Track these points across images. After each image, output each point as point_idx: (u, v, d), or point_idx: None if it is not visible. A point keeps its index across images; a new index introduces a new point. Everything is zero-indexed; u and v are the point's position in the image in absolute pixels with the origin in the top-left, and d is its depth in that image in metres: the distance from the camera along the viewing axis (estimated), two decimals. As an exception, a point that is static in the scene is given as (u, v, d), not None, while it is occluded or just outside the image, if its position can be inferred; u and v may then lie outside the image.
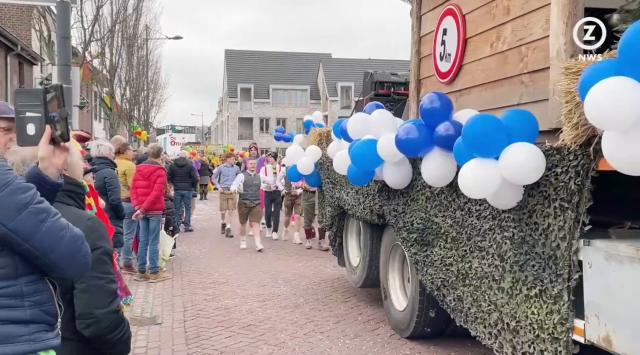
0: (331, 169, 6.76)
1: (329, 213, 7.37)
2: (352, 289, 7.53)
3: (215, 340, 5.47)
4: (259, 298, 7.04)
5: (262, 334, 5.65)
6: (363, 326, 5.91)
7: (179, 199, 12.79)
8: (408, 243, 4.95)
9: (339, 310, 6.52)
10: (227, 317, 6.24)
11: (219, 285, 7.75)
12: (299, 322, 6.05)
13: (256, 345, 5.30)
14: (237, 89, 57.86)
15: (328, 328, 5.84)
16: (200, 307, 6.67)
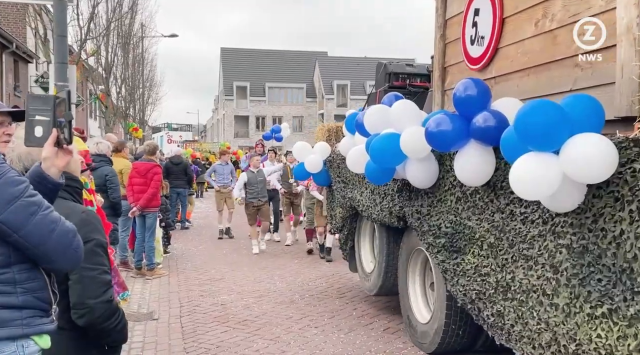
0: (342, 167, 6.39)
1: (340, 214, 6.85)
2: (347, 284, 7.61)
3: (211, 335, 5.55)
4: (255, 294, 7.12)
5: (258, 328, 5.72)
6: (357, 321, 5.99)
7: (174, 197, 12.84)
8: (434, 249, 4.41)
9: (333, 305, 6.60)
10: (223, 312, 6.32)
11: (215, 282, 7.81)
12: (294, 317, 6.13)
13: (251, 340, 5.38)
14: (233, 87, 57.87)
15: (323, 323, 5.91)
16: (196, 303, 6.74)
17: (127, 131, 30.67)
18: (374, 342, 5.30)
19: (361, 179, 5.91)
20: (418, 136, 4.13)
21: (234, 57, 59.85)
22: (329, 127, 8.31)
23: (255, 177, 10.01)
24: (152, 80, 40.25)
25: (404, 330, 5.65)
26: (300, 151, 7.38)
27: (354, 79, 57.04)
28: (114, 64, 28.39)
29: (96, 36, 24.71)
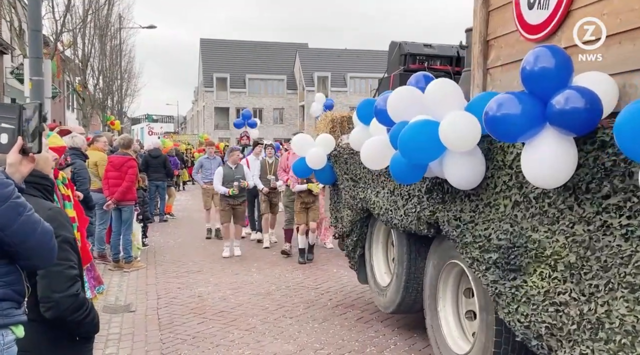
0: (351, 163, 5.74)
1: (348, 217, 5.99)
2: (323, 276, 7.74)
3: (187, 326, 5.64)
4: (232, 286, 7.21)
5: (234, 319, 5.83)
6: (332, 311, 6.12)
7: (153, 190, 12.85)
8: (481, 266, 3.59)
9: (309, 296, 6.72)
10: (200, 304, 6.41)
11: (193, 274, 7.89)
12: (270, 308, 6.24)
13: (227, 331, 5.49)
14: (212, 78, 57.56)
15: (298, 313, 6.04)
16: (173, 295, 6.82)
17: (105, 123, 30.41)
18: (347, 332, 5.44)
19: (376, 177, 5.20)
20: (465, 123, 3.37)
21: (214, 49, 59.50)
22: (332, 117, 7.22)
23: (233, 173, 9.02)
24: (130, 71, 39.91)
25: (376, 319, 5.81)
26: (300, 144, 6.46)
27: (335, 71, 57.08)
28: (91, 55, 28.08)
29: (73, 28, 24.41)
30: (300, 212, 8.63)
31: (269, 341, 5.20)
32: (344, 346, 5.06)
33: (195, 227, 12.42)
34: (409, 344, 5.10)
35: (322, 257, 8.64)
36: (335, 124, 7.16)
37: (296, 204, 8.73)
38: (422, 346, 5.04)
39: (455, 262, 4.26)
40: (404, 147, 3.63)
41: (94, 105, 29.18)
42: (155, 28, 32.60)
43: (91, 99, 28.48)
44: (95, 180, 8.11)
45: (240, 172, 9.12)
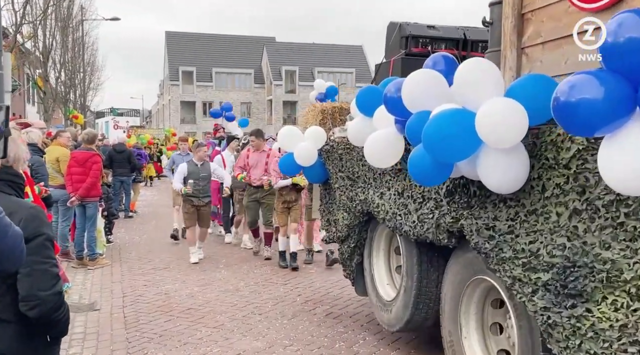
0: (347, 159, 5.16)
1: (344, 221, 5.31)
2: (291, 272, 7.70)
3: (154, 324, 5.56)
4: (200, 282, 7.13)
5: (202, 317, 5.76)
6: (301, 307, 6.10)
7: (118, 185, 12.62)
8: (527, 288, 2.93)
9: (278, 292, 6.69)
10: (167, 301, 6.32)
11: (159, 271, 7.78)
12: (239, 304, 6.20)
13: (195, 328, 5.42)
14: (178, 72, 56.83)
15: (267, 310, 6.00)
16: (139, 292, 6.70)
17: (67, 117, 29.72)
18: (316, 327, 5.44)
19: (379, 176, 4.62)
20: (509, 113, 2.75)
21: (180, 42, 58.70)
22: (322, 108, 6.64)
23: (198, 171, 8.29)
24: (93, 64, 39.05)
25: (345, 315, 5.82)
26: (287, 138, 5.83)
27: (303, 65, 56.99)
28: (52, 48, 27.37)
29: (33, 20, 23.74)
30: (282, 213, 7.92)
31: (238, 338, 5.16)
32: (313, 342, 5.05)
33: (162, 223, 12.26)
34: (377, 339, 5.13)
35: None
36: (326, 116, 6.71)
37: (277, 204, 8.05)
38: (390, 340, 5.07)
39: (482, 278, 3.57)
40: (431, 142, 2.96)
41: (56, 98, 28.46)
42: (119, 20, 31.93)
43: (53, 92, 27.77)
44: (57, 177, 7.92)
45: (206, 170, 8.36)
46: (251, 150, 8.43)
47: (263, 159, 8.27)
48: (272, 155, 8.23)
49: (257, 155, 8.33)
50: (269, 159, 8.21)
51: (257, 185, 8.26)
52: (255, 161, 8.30)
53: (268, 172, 8.15)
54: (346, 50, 59.36)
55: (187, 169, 8.26)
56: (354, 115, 4.83)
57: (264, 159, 8.27)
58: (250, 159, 8.36)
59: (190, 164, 8.41)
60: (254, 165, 8.30)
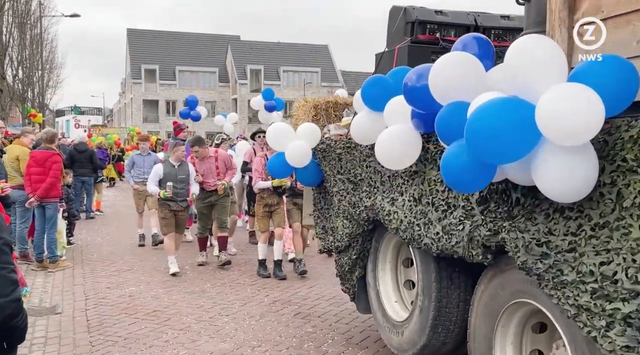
0: (348, 159, 4.60)
1: (345, 229, 4.73)
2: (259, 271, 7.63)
3: (118, 327, 5.43)
4: (165, 284, 7.01)
5: (168, 319, 5.66)
6: (269, 308, 6.06)
7: (79, 186, 12.34)
8: (599, 319, 2.40)
9: (245, 292, 6.63)
10: (131, 304, 6.19)
11: (123, 273, 7.62)
12: (205, 306, 6.11)
13: (161, 331, 5.32)
14: (141, 70, 55.92)
15: (234, 310, 5.94)
16: (102, 295, 6.55)
17: (24, 116, 28.91)
18: (285, 328, 5.40)
19: (389, 179, 4.05)
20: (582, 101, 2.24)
21: (142, 39, 57.78)
22: (315, 103, 6.10)
23: (175, 173, 7.55)
24: (52, 61, 38.15)
25: (314, 314, 5.80)
26: (277, 136, 5.20)
27: (268, 64, 56.78)
28: (9, 44, 26.59)
29: (-12, 14, 23.03)
30: (264, 218, 7.38)
31: (205, 340, 5.08)
32: (281, 342, 5.02)
33: (124, 223, 12.03)
34: (346, 338, 5.12)
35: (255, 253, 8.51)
36: (319, 111, 6.21)
37: (257, 208, 7.46)
38: (359, 340, 5.08)
39: (525, 301, 2.99)
40: (478, 139, 2.42)
41: (13, 97, 27.67)
42: (79, 17, 31.22)
43: (10, 90, 26.98)
44: (16, 176, 7.69)
45: (184, 172, 7.61)
46: (196, 160, 7.86)
47: (212, 165, 7.87)
48: (220, 157, 7.95)
49: (204, 163, 7.85)
50: (218, 162, 7.90)
51: (210, 190, 7.83)
52: (204, 169, 7.84)
53: (220, 175, 7.87)
54: (312, 50, 59.42)
55: (163, 171, 7.59)
56: (357, 109, 4.29)
57: (213, 164, 7.88)
58: (198, 167, 7.84)
59: (166, 164, 7.73)
60: (205, 174, 7.84)
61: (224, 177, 7.86)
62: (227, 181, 7.86)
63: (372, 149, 4.04)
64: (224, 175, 7.90)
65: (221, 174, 7.86)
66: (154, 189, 7.55)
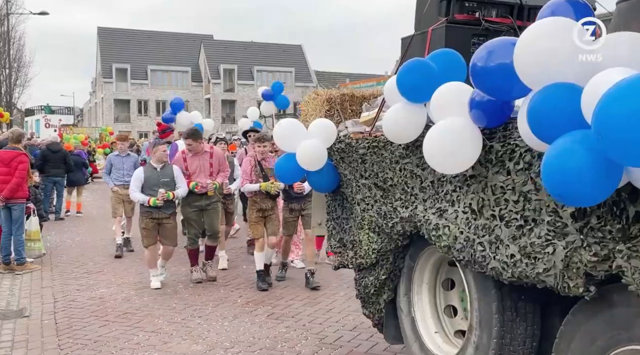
0: (376, 161, 3.86)
1: (372, 244, 4.01)
2: (232, 272, 7.58)
3: (88, 330, 5.34)
4: (136, 286, 6.92)
5: (139, 321, 5.59)
6: (242, 308, 6.01)
7: (50, 186, 12.13)
8: None
9: (218, 293, 6.57)
10: (102, 306, 6.09)
11: (93, 275, 7.50)
12: (177, 307, 6.04)
13: (132, 333, 5.25)
14: (112, 69, 55.08)
15: (207, 312, 5.88)
16: (72, 297, 6.44)
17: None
18: (258, 328, 5.37)
19: (433, 184, 3.33)
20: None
21: (113, 38, 56.88)
22: (329, 96, 5.30)
23: (157, 176, 6.74)
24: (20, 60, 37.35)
25: (287, 315, 5.78)
26: (286, 134, 4.50)
27: (242, 64, 56.48)
28: (-25, 41, 25.98)
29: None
30: (257, 223, 6.76)
31: (177, 342, 5.03)
32: (255, 343, 4.99)
33: (95, 225, 11.84)
34: (319, 338, 5.12)
35: (230, 253, 8.47)
36: (333, 106, 5.35)
37: (250, 213, 6.85)
38: (332, 339, 5.07)
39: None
40: (622, 129, 1.77)
41: (-21, 95, 27.03)
42: (47, 14, 30.66)
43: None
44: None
45: (168, 175, 6.77)
46: (188, 155, 7.05)
47: (205, 162, 7.03)
48: (216, 155, 7.15)
49: (197, 159, 7.00)
50: (213, 159, 7.10)
51: (200, 193, 6.96)
52: (197, 166, 6.99)
53: (214, 175, 7.09)
54: (285, 49, 59.29)
55: (144, 175, 6.77)
56: (390, 101, 3.62)
57: (207, 161, 7.05)
58: (190, 164, 7.00)
59: (147, 168, 6.90)
60: (196, 171, 6.97)
61: (215, 178, 7.11)
62: (219, 182, 7.15)
63: (407, 149, 3.50)
64: (216, 175, 7.14)
65: (215, 174, 7.11)
66: (140, 197, 6.66)
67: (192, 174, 6.97)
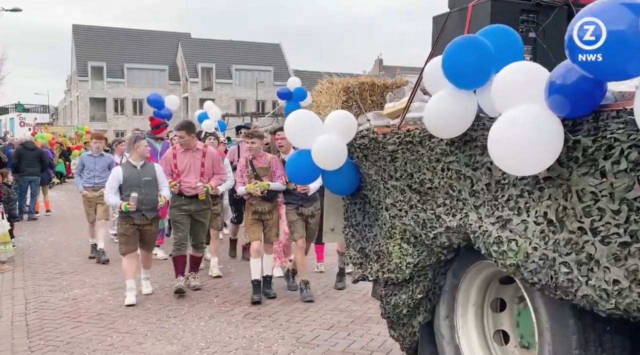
0: (410, 159, 3.30)
1: (405, 258, 3.44)
2: (207, 273, 7.50)
3: (60, 331, 5.24)
4: (111, 286, 6.81)
5: (112, 322, 5.50)
6: (218, 308, 5.95)
7: (25, 185, 11.92)
8: None
9: (194, 294, 6.50)
10: (75, 307, 5.99)
11: (67, 275, 7.37)
12: (153, 308, 5.96)
13: (105, 334, 5.16)
14: (87, 67, 54.33)
15: (183, 312, 5.81)
16: (44, 298, 6.32)
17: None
18: (234, 328, 5.32)
19: (490, 187, 2.74)
20: None
21: (88, 35, 56.10)
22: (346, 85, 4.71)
23: (138, 175, 6.07)
24: (-8, 57, 36.64)
25: (264, 314, 5.74)
26: (299, 128, 3.96)
27: (220, 62, 56.13)
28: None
29: None
30: (252, 225, 6.19)
31: (152, 343, 4.95)
32: (230, 343, 4.94)
33: (69, 225, 11.66)
34: (296, 337, 5.09)
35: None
36: (351, 96, 4.77)
37: (247, 215, 6.31)
38: (309, 339, 5.05)
39: None
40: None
41: (-50, 92, 26.44)
42: (20, 11, 30.09)
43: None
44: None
45: (149, 173, 6.12)
46: (179, 150, 6.46)
47: (197, 160, 6.40)
48: (209, 155, 6.50)
49: (188, 157, 6.39)
50: (205, 158, 6.47)
51: (190, 196, 6.39)
52: (186, 164, 6.35)
53: (205, 176, 6.46)
54: (264, 48, 59.08)
55: (123, 174, 6.07)
56: (432, 88, 3.07)
57: (199, 160, 6.41)
58: (179, 161, 6.39)
59: (126, 166, 6.20)
60: (185, 170, 6.35)
61: (208, 180, 6.46)
62: (213, 186, 6.47)
63: (452, 145, 2.93)
64: (209, 177, 6.48)
65: (206, 175, 6.44)
66: (114, 200, 6.02)
67: (181, 173, 6.35)
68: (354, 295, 6.31)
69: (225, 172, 6.99)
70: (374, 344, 4.87)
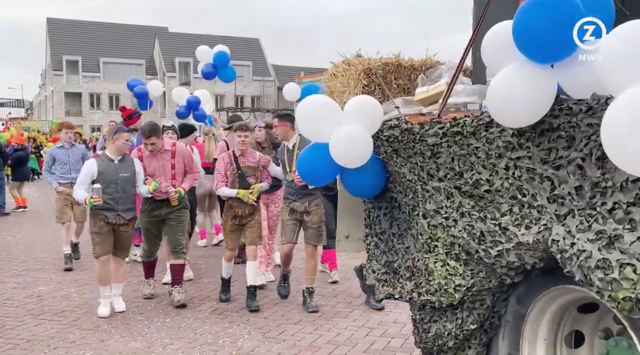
0: (460, 155, 2.66)
1: (453, 279, 2.80)
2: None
3: (22, 329, 5.14)
4: (77, 283, 6.71)
5: (76, 319, 5.41)
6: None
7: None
8: None
9: (162, 290, 6.42)
10: (39, 304, 5.88)
11: (33, 272, 7.24)
12: (119, 304, 5.88)
13: (69, 331, 5.07)
14: (62, 61, 53.49)
15: (149, 309, 5.74)
16: (7, 295, 6.20)
17: None
18: (200, 324, 5.27)
19: (582, 191, 2.13)
20: None
21: (63, 29, 55.24)
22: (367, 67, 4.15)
23: (115, 170, 5.52)
24: (-37, 50, 35.81)
25: (231, 310, 5.69)
26: (315, 118, 3.27)
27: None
28: None
29: None
30: (232, 232, 5.80)
31: (115, 340, 4.88)
32: (196, 339, 4.89)
33: (39, 222, 11.47)
34: (263, 332, 5.05)
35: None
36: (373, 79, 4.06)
37: (225, 220, 5.86)
38: (275, 334, 5.02)
39: None
40: None
41: None
42: (-8, 3, 29.49)
43: None
44: None
45: (127, 169, 5.58)
46: (145, 153, 5.86)
47: (166, 162, 5.85)
48: (179, 153, 5.93)
49: (155, 159, 5.83)
50: (176, 159, 5.91)
51: (161, 199, 5.83)
52: (155, 167, 5.82)
53: (177, 178, 5.93)
54: (242, 43, 58.69)
55: (98, 168, 5.48)
56: (495, 63, 2.45)
57: (168, 161, 5.86)
58: (147, 164, 5.81)
59: (102, 159, 5.59)
60: (154, 174, 5.79)
61: (180, 183, 5.91)
62: (185, 188, 5.93)
63: (521, 136, 2.34)
64: (180, 179, 5.95)
65: (177, 177, 5.91)
66: (80, 194, 5.37)
67: (151, 177, 5.79)
68: (323, 290, 6.30)
69: (199, 172, 6.45)
70: (340, 338, 4.86)
